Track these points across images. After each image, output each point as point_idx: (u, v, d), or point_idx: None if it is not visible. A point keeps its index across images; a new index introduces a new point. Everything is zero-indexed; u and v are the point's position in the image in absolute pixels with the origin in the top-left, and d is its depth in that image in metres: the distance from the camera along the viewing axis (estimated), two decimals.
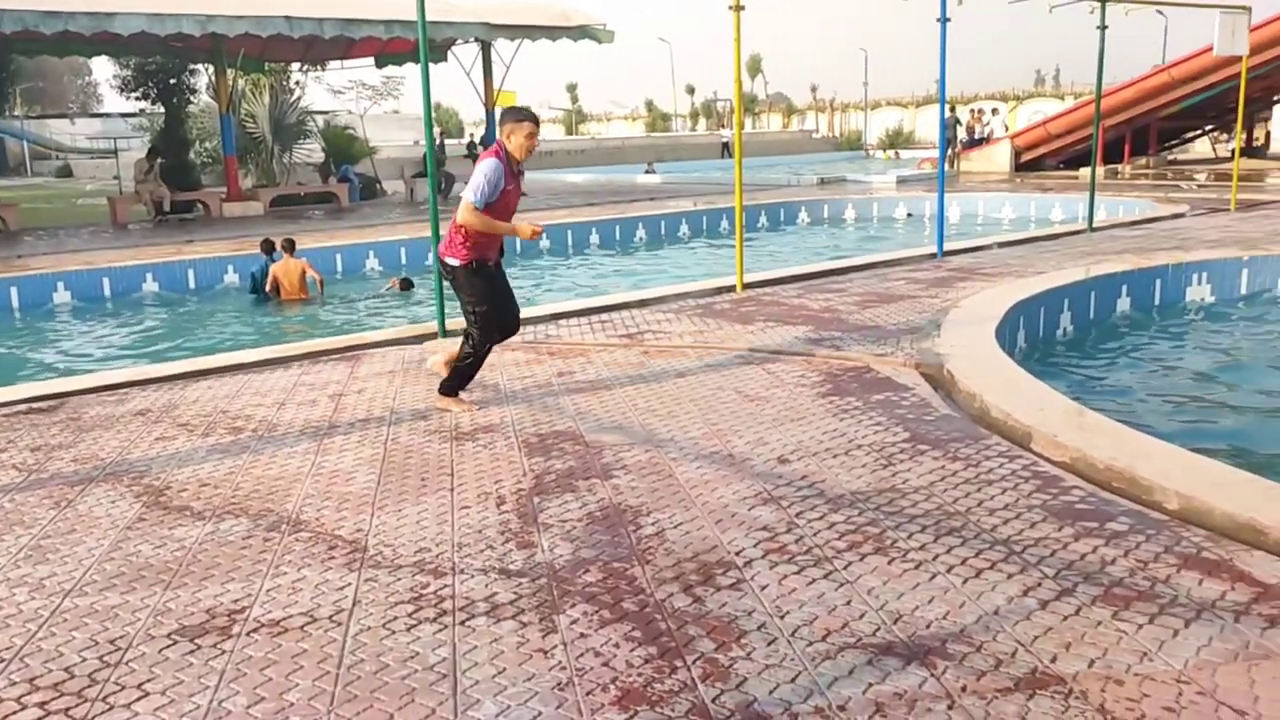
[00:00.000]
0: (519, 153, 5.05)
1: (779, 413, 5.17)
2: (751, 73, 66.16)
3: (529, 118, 5.00)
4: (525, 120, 4.97)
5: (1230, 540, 3.43)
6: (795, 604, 3.06)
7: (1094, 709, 2.45)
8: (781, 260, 13.60)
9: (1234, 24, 13.24)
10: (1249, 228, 12.28)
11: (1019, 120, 40.25)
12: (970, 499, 3.89)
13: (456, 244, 5.09)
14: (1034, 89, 53.93)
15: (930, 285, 9.01)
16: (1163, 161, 26.02)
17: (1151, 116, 23.92)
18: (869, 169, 30.65)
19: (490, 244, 5.17)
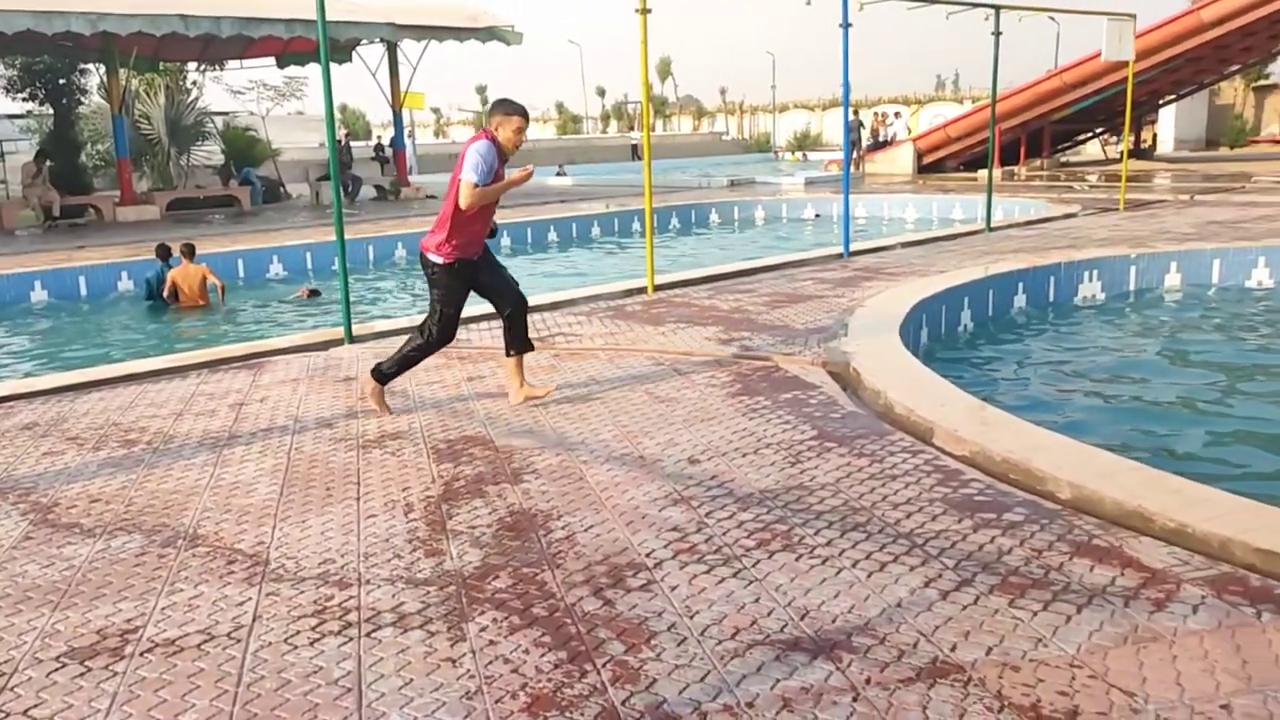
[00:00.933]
0: (507, 146, 4.97)
1: (689, 413, 5.20)
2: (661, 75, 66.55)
3: (517, 112, 4.89)
4: (514, 115, 4.87)
5: (1119, 527, 3.56)
6: (705, 603, 3.08)
7: (991, 695, 2.52)
8: (693, 261, 13.70)
9: (1120, 30, 13.82)
10: (1137, 226, 12.82)
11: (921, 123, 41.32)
12: (875, 494, 3.97)
13: (442, 243, 5.01)
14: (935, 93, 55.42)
15: (837, 285, 9.18)
16: (1056, 163, 27.00)
17: (1045, 120, 24.79)
18: (778, 171, 31.12)
19: (474, 242, 5.08)
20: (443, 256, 5.03)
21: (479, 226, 5.06)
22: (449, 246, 5.01)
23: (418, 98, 24.26)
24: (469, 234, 5.01)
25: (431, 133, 71.77)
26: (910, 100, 50.13)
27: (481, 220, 5.06)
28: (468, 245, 5.06)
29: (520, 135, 4.86)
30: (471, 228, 5.02)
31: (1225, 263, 10.26)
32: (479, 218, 5.02)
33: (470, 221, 4.98)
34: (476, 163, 4.80)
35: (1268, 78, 35.90)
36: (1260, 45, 25.32)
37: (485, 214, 5.08)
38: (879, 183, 23.83)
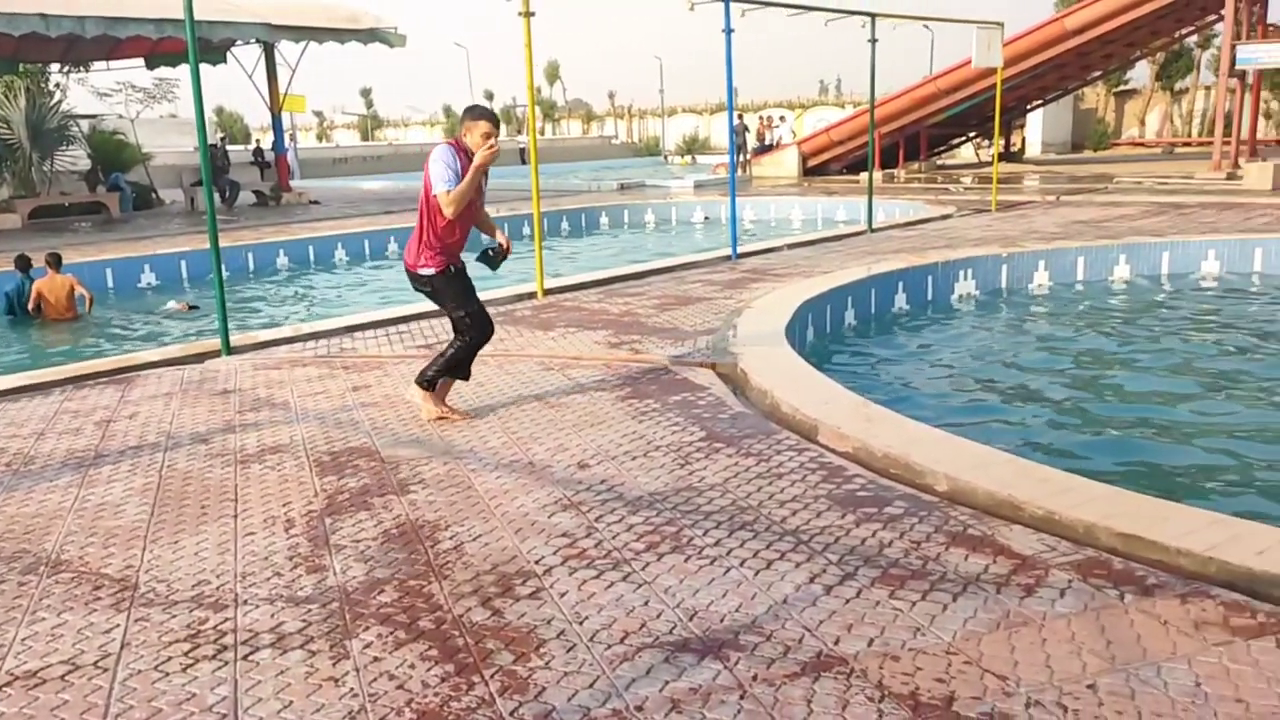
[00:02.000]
0: (475, 150, 4.82)
1: (579, 418, 5.19)
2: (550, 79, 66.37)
3: (483, 117, 4.80)
4: (479, 120, 4.77)
5: (992, 516, 3.70)
6: (594, 609, 3.07)
7: (873, 686, 2.58)
8: (584, 265, 13.69)
9: (989, 39, 14.39)
10: (1008, 227, 13.36)
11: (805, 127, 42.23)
12: (762, 493, 4.03)
13: (426, 253, 4.92)
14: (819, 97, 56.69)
15: (725, 286, 9.29)
16: (933, 166, 27.93)
17: (922, 124, 25.62)
18: (668, 174, 31.36)
19: (458, 245, 5.00)
20: (434, 266, 4.95)
21: (458, 236, 4.99)
22: (434, 255, 4.94)
23: (298, 100, 23.65)
24: (450, 240, 4.95)
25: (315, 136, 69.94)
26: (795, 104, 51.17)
27: (462, 226, 4.98)
28: (453, 250, 5.00)
29: (487, 139, 4.73)
30: (451, 236, 4.95)
31: (1089, 260, 10.79)
32: (457, 225, 4.94)
33: (450, 229, 4.92)
34: (440, 172, 4.74)
35: (1127, 83, 37.90)
36: (1119, 52, 26.72)
37: (465, 220, 4.99)
38: (766, 185, 24.25)
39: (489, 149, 4.71)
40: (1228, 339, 8.15)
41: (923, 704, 2.49)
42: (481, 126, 4.73)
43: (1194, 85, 36.53)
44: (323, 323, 8.31)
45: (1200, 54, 35.72)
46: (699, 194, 22.55)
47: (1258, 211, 13.75)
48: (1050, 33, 22.20)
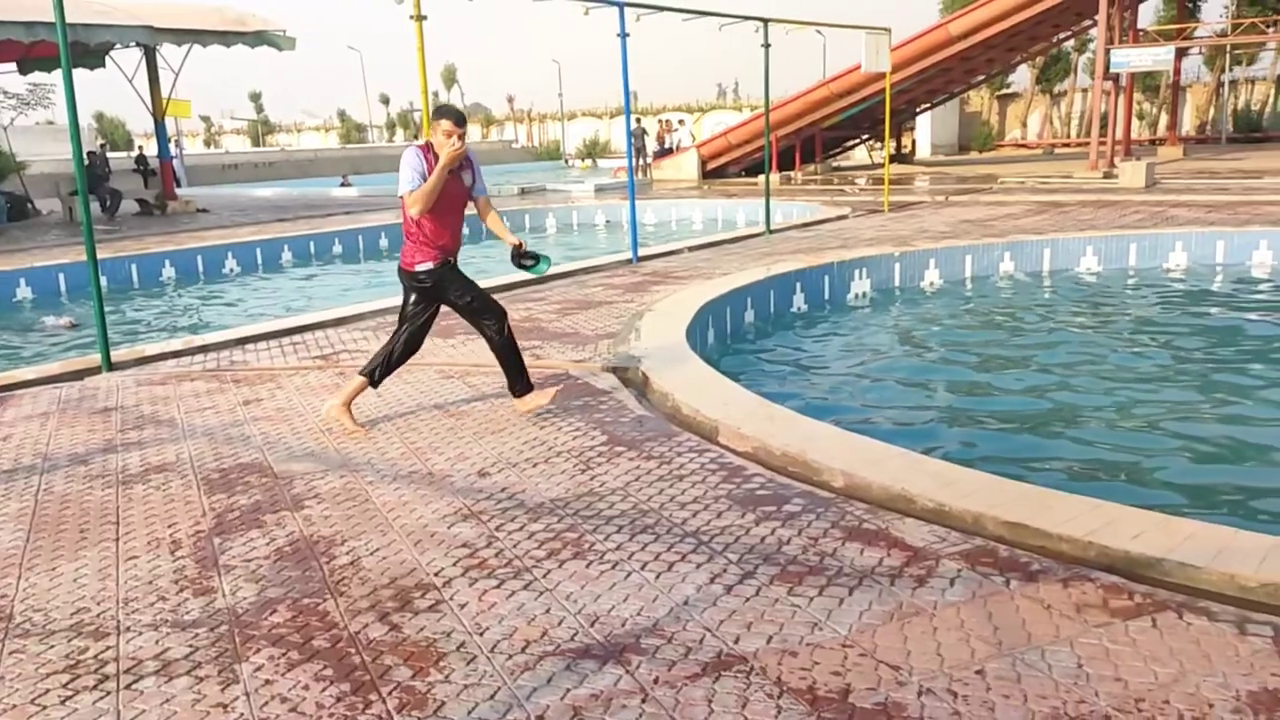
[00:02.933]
0: (439, 147, 4.78)
1: (479, 426, 5.13)
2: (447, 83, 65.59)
3: (445, 115, 4.77)
4: (440, 118, 4.76)
5: (886, 510, 3.79)
6: (495, 619, 3.04)
7: (772, 682, 2.61)
8: (484, 271, 13.55)
9: (877, 44, 14.77)
10: (899, 226, 13.73)
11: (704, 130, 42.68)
12: (663, 495, 4.04)
13: (419, 250, 4.91)
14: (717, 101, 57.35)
15: (626, 290, 9.32)
16: (828, 168, 28.55)
17: (817, 127, 26.15)
18: (568, 178, 31.33)
19: (450, 237, 4.97)
20: (430, 261, 4.95)
21: (449, 235, 4.97)
22: (427, 250, 4.94)
23: (183, 105, 22.85)
24: (441, 238, 4.94)
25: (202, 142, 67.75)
26: (694, 108, 51.68)
27: (450, 227, 4.97)
28: (445, 247, 4.98)
29: (451, 136, 4.71)
30: (441, 237, 4.93)
31: (976, 258, 11.16)
32: (445, 223, 4.93)
33: (436, 232, 4.90)
34: (404, 173, 4.77)
35: (1009, 87, 39.33)
36: (1000, 57, 27.73)
37: (451, 218, 4.97)
38: (666, 188, 24.42)
39: (453, 148, 4.69)
40: (1108, 331, 8.52)
41: (820, 698, 2.53)
42: (443, 125, 4.72)
43: (1071, 88, 38.13)
44: (212, 335, 8.04)
45: (1077, 58, 37.31)
46: (600, 198, 22.57)
47: (1132, 209, 14.42)
48: (935, 38, 22.90)
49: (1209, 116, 35.68)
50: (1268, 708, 2.41)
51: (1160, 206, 14.47)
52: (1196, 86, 35.79)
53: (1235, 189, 16.82)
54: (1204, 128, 35.59)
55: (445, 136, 4.71)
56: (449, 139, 4.69)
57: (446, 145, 4.69)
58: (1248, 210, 13.39)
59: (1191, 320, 8.84)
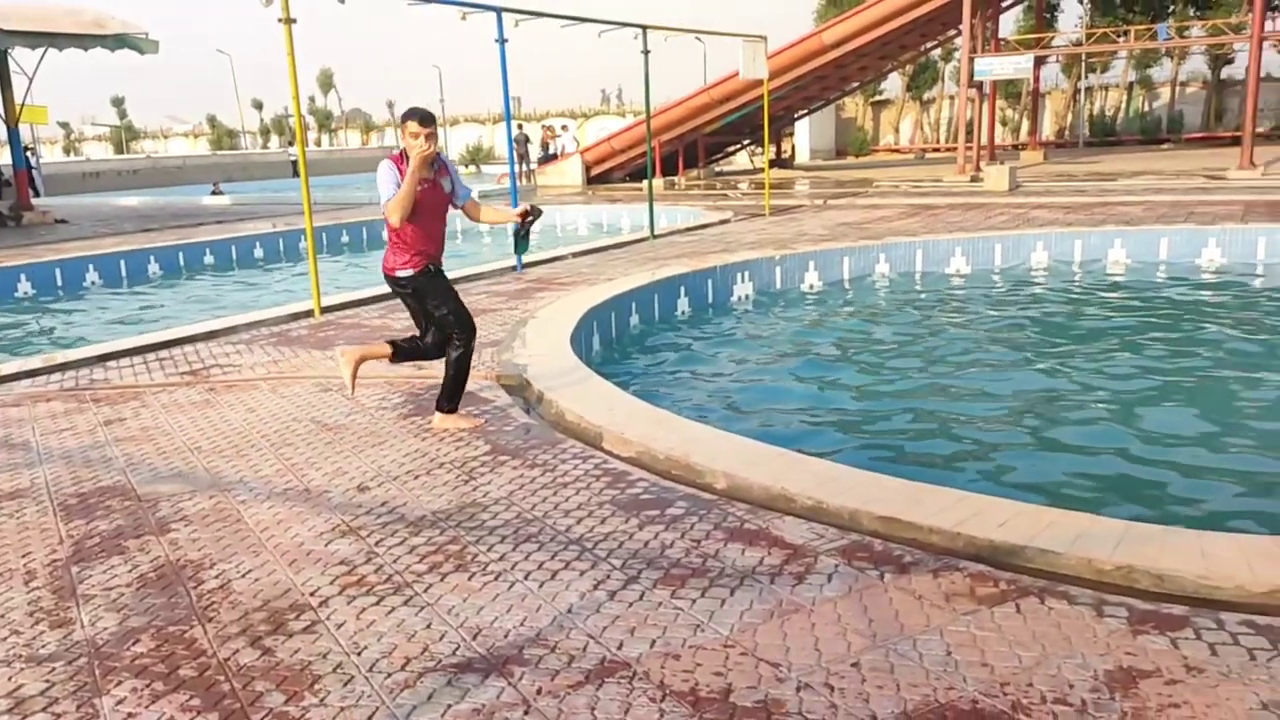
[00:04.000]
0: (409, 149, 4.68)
1: (359, 439, 5.01)
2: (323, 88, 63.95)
3: (411, 116, 4.68)
4: (407, 120, 4.68)
5: (767, 510, 3.86)
6: (374, 637, 2.97)
7: (655, 686, 2.62)
8: (365, 280, 13.27)
9: (754, 51, 15.07)
10: (780, 230, 14.02)
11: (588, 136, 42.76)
12: (547, 503, 4.02)
13: (403, 256, 4.85)
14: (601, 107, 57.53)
15: (510, 297, 9.25)
16: (711, 173, 28.96)
17: (699, 132, 26.50)
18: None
19: (433, 243, 4.92)
20: (412, 268, 4.89)
21: (430, 243, 4.91)
22: (410, 256, 4.86)
23: (39, 111, 21.65)
24: (424, 244, 4.88)
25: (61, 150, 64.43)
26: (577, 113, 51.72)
27: (434, 236, 4.92)
28: (428, 252, 4.92)
29: (418, 138, 4.62)
30: (425, 243, 4.87)
31: (853, 260, 11.47)
32: (428, 231, 4.88)
33: (418, 239, 4.83)
34: (382, 186, 4.73)
35: (882, 94, 40.65)
36: (873, 65, 28.61)
37: (434, 226, 4.91)
38: (551, 194, 24.35)
39: (422, 149, 4.61)
40: (976, 328, 8.87)
41: (702, 699, 2.55)
42: (410, 126, 4.65)
43: (940, 95, 39.65)
44: (72, 352, 7.62)
45: (944, 66, 38.82)
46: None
47: (997, 211, 15.06)
48: (810, 47, 23.49)
49: (1067, 122, 37.58)
50: (1123, 685, 2.54)
51: (1023, 208, 15.15)
52: (1055, 93, 37.66)
53: (1091, 191, 17.75)
54: (1063, 133, 37.47)
55: (413, 138, 4.64)
56: (416, 139, 4.62)
57: (414, 145, 4.63)
58: (1103, 211, 14.14)
59: (1053, 317, 9.28)
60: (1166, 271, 11.17)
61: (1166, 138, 34.83)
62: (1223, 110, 34.66)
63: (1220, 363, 7.28)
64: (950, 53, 36.40)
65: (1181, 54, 35.02)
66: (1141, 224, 12.37)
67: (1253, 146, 19.79)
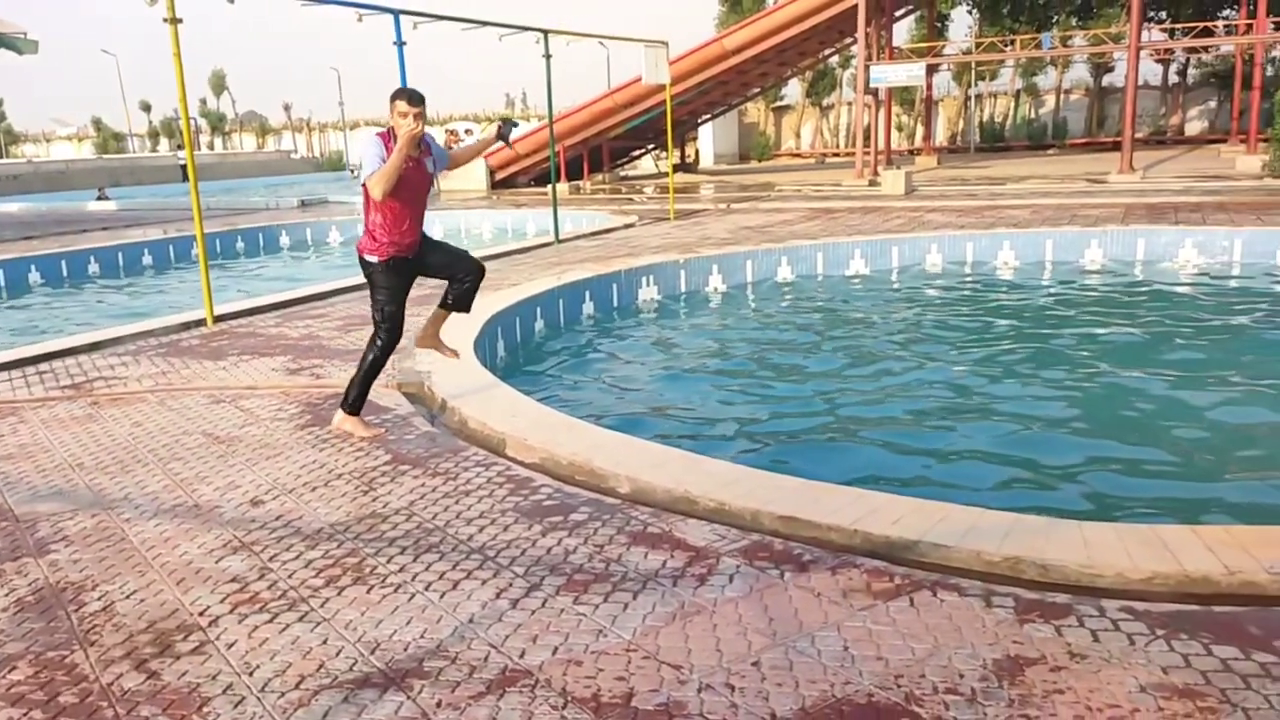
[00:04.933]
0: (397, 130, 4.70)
1: (253, 452, 4.87)
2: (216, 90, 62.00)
3: (400, 95, 4.70)
4: (396, 99, 4.70)
5: (670, 513, 3.87)
6: (267, 655, 2.88)
7: (557, 694, 2.61)
8: (261, 288, 12.92)
9: (656, 57, 15.16)
10: (684, 234, 14.13)
11: None
12: (449, 512, 3.97)
13: (373, 241, 4.87)
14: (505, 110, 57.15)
15: (412, 304, 9.06)
16: (616, 177, 29.06)
17: (603, 137, 26.57)
18: (354, 189, 30.35)
19: (406, 235, 4.89)
20: (377, 255, 4.89)
21: (407, 224, 4.88)
22: (381, 244, 4.86)
23: None
24: (398, 231, 4.86)
25: None
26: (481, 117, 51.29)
27: (410, 216, 4.88)
28: (400, 242, 4.90)
29: (406, 117, 4.64)
30: (399, 225, 4.84)
31: (756, 263, 11.63)
32: (404, 215, 4.85)
33: (397, 219, 4.82)
34: (367, 160, 4.73)
35: (782, 100, 41.41)
36: (773, 71, 29.13)
37: (412, 209, 4.89)
38: (455, 199, 24.09)
39: (410, 128, 4.63)
40: (875, 328, 9.08)
41: (604, 704, 2.55)
42: (398, 106, 4.68)
43: (838, 101, 40.58)
44: None
45: (842, 73, 39.72)
46: None
47: (894, 214, 15.46)
48: (711, 52, 23.78)
49: (959, 128, 38.84)
50: (1010, 673, 2.62)
51: (918, 212, 15.59)
52: (947, 100, 38.90)
53: (982, 194, 18.37)
54: (955, 138, 38.71)
55: (401, 117, 4.67)
56: (404, 119, 4.65)
57: (403, 125, 4.65)
58: (993, 214, 14.64)
59: (947, 317, 9.56)
60: (1052, 271, 11.63)
61: (1052, 143, 36.29)
62: (1104, 117, 36.29)
63: (1104, 358, 7.60)
64: (847, 60, 37.27)
65: (1065, 63, 36.54)
66: (1029, 226, 12.85)
67: (1132, 151, 20.75)
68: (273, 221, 19.73)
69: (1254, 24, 23.92)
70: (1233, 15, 30.29)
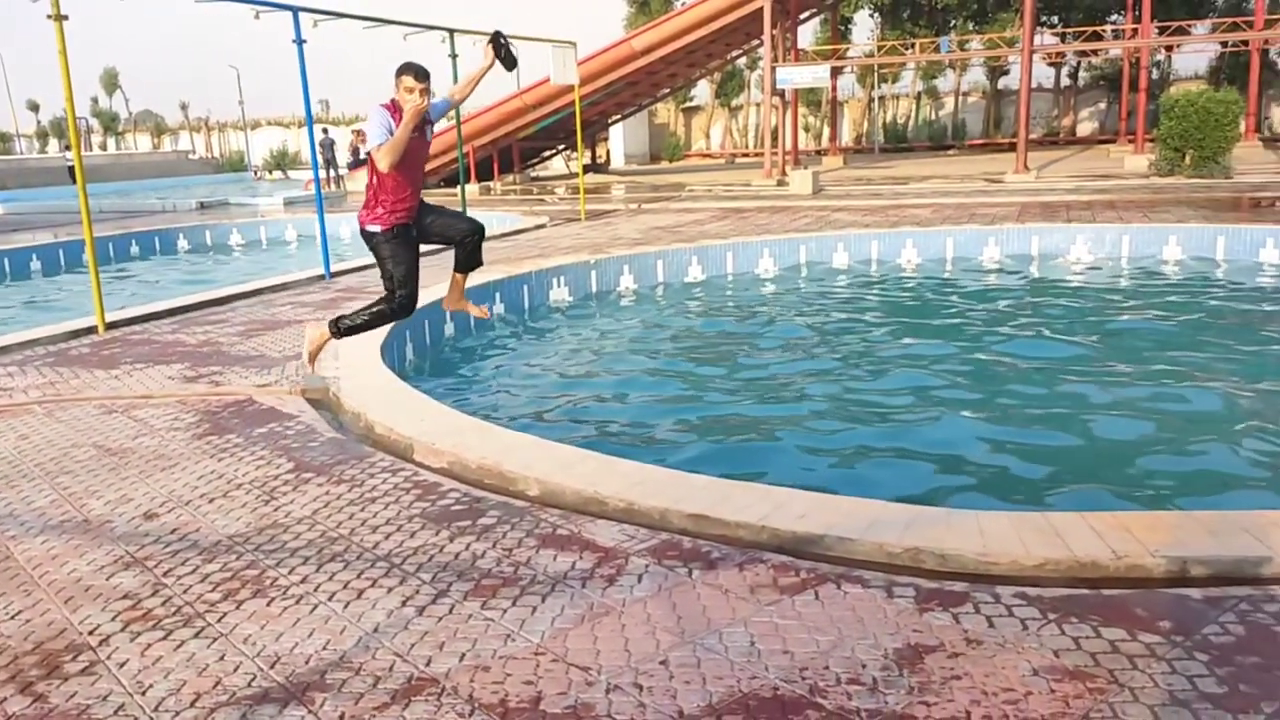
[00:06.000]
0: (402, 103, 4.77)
1: (147, 463, 4.70)
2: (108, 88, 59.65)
3: (406, 70, 4.77)
4: (403, 74, 4.77)
5: (580, 514, 3.87)
6: (160, 674, 2.79)
7: (464, 701, 2.58)
8: (157, 293, 12.48)
9: (564, 57, 15.10)
10: (595, 234, 14.12)
11: None
12: (354, 520, 3.89)
13: (375, 211, 4.95)
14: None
15: (317, 308, 8.91)
16: (527, 178, 28.88)
17: (513, 137, 26.37)
18: (256, 191, 29.55)
19: (406, 202, 4.97)
20: (379, 224, 4.97)
21: (408, 191, 4.97)
22: (381, 213, 4.95)
23: None
24: (399, 198, 4.94)
25: None
26: None
27: (410, 183, 4.98)
28: (399, 208, 4.97)
29: (413, 92, 4.72)
30: (400, 193, 4.92)
31: (667, 263, 11.69)
32: (406, 182, 4.94)
33: (398, 187, 4.90)
34: (372, 129, 4.80)
35: (692, 100, 41.68)
36: (682, 72, 29.31)
37: (412, 176, 4.98)
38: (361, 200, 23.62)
39: (416, 103, 4.72)
40: (782, 327, 9.21)
41: (511, 709, 2.53)
42: (405, 81, 4.76)
43: (747, 102, 41.02)
44: None
45: (749, 75, 40.18)
46: (290, 211, 21.46)
47: (802, 214, 15.71)
48: (620, 53, 23.81)
49: (864, 129, 39.66)
50: (910, 662, 2.68)
51: (825, 211, 15.87)
52: (852, 102, 39.67)
53: (887, 194, 18.79)
54: (860, 139, 39.51)
55: (407, 92, 4.75)
56: (410, 94, 4.73)
57: (409, 100, 4.73)
58: (897, 213, 15.00)
59: (852, 314, 9.75)
60: (953, 268, 11.96)
61: (952, 144, 37.32)
62: (1000, 118, 37.44)
63: (1005, 353, 7.84)
64: (755, 62, 37.72)
65: (963, 66, 37.61)
66: (931, 225, 13.19)
67: (1026, 152, 21.47)
68: (170, 224, 19.08)
69: (1139, 29, 25.00)
70: (1120, 20, 31.60)
